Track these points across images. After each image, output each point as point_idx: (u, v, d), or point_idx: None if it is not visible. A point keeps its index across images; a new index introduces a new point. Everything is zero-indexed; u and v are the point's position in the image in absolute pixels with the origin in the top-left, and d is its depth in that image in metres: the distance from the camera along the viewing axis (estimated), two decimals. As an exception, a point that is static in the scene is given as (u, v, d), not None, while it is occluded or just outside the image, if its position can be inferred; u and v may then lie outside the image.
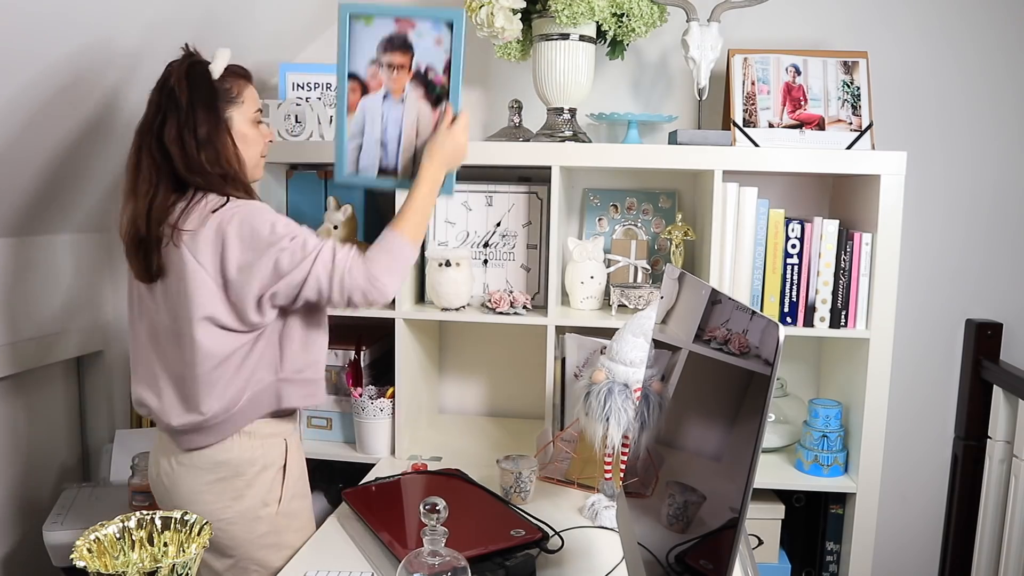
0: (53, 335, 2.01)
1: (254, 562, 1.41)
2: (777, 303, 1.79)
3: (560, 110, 1.89)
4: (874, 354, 1.74)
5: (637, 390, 1.50)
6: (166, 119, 1.35)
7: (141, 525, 0.96)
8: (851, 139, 1.81)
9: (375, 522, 1.44)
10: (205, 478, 1.38)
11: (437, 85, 1.38)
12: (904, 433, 2.12)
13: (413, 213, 1.43)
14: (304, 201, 2.01)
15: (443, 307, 1.86)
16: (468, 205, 1.97)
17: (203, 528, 0.97)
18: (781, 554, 1.89)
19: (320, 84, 1.95)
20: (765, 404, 0.77)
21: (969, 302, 2.07)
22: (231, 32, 1.84)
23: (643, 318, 1.55)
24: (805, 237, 1.78)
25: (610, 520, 1.52)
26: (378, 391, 1.91)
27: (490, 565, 1.28)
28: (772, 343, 0.77)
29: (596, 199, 2.10)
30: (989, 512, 1.96)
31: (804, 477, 1.82)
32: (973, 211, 2.04)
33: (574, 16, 1.76)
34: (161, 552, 0.95)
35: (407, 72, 1.42)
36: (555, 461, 1.76)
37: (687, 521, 0.97)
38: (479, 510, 1.51)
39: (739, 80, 1.86)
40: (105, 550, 0.92)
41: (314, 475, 2.12)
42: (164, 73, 1.39)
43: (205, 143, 1.36)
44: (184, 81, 1.36)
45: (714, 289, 1.03)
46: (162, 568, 0.88)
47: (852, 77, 1.86)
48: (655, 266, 2.04)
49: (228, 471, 1.39)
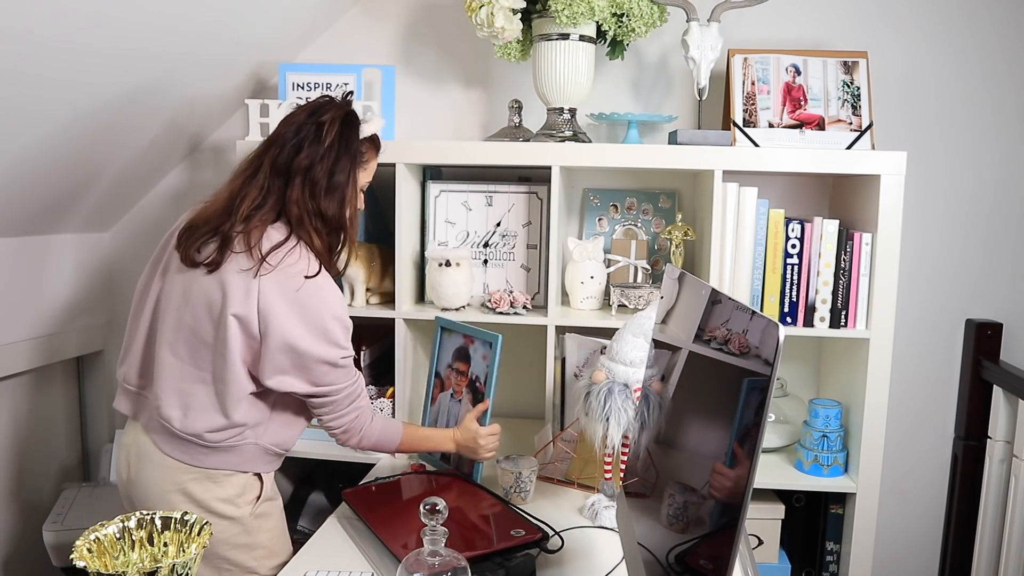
0: (53, 335, 2.01)
1: (227, 561, 1.40)
2: (777, 303, 1.79)
3: (560, 110, 1.89)
4: (874, 354, 1.74)
5: (637, 390, 1.50)
6: (302, 146, 1.38)
7: (141, 525, 0.96)
8: (851, 139, 1.81)
9: (375, 522, 1.44)
10: (179, 478, 1.38)
11: (480, 392, 1.71)
12: (904, 433, 2.12)
13: (418, 443, 1.63)
14: (304, 201, 2.01)
15: (443, 307, 1.86)
16: (468, 205, 1.97)
17: (203, 528, 0.97)
18: (781, 554, 1.89)
19: (320, 84, 1.95)
20: (765, 404, 0.77)
21: (969, 302, 2.07)
22: (231, 32, 1.84)
23: (643, 318, 1.55)
24: (805, 237, 1.78)
25: (610, 520, 1.52)
26: (378, 391, 1.91)
27: (490, 565, 1.28)
28: (772, 343, 0.77)
29: (596, 199, 2.10)
30: (989, 512, 1.95)
31: (804, 477, 1.82)
32: (973, 211, 2.04)
33: (574, 16, 1.76)
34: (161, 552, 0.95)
35: (465, 378, 1.76)
36: (555, 461, 1.76)
37: (687, 521, 0.97)
38: (479, 510, 1.51)
39: (739, 80, 1.86)
40: (105, 550, 0.92)
41: (314, 475, 2.13)
42: (316, 103, 1.43)
43: (334, 189, 1.39)
44: (338, 124, 1.40)
45: (714, 289, 1.03)
46: (162, 568, 0.88)
47: (852, 77, 1.86)
48: (655, 266, 2.04)
49: (201, 473, 1.38)
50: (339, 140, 1.39)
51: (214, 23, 1.76)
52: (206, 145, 2.27)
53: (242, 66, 2.04)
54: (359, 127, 1.44)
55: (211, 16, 1.73)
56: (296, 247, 1.36)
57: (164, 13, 1.59)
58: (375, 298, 1.95)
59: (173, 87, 1.87)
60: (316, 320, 1.33)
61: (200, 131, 2.21)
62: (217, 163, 2.27)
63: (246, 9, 1.80)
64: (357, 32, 2.18)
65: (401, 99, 2.14)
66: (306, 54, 2.19)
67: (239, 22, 1.83)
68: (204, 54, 1.85)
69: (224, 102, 2.13)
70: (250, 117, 1.87)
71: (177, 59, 1.77)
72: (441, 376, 1.84)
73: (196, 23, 1.70)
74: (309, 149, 1.37)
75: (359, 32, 2.18)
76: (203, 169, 2.29)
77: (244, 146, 1.85)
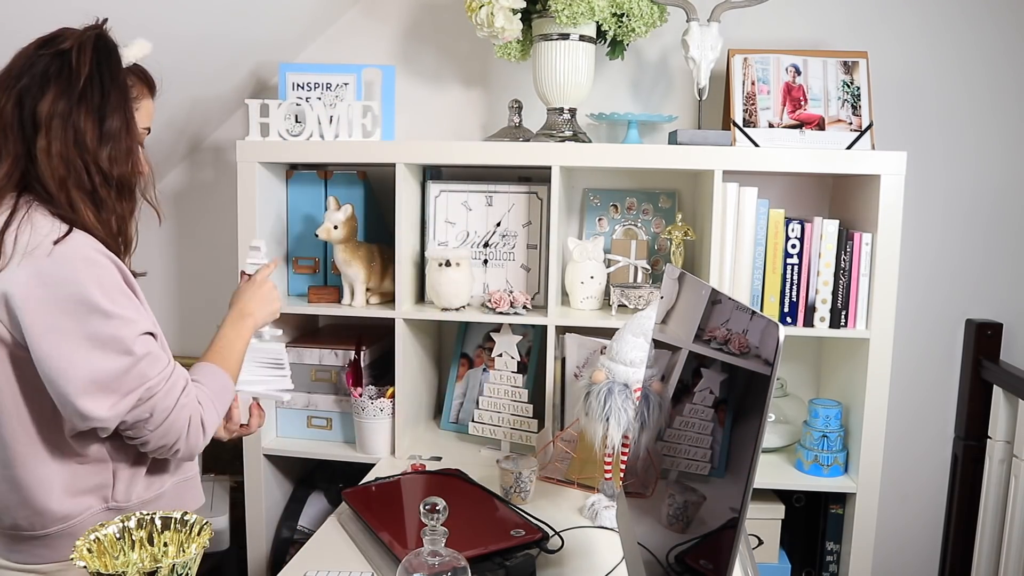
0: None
1: None
2: (777, 303, 1.79)
3: (560, 110, 1.89)
4: (874, 354, 1.74)
5: (637, 390, 1.50)
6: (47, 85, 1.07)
7: (141, 525, 0.96)
8: (851, 139, 1.81)
9: (375, 522, 1.44)
10: None
11: (523, 362, 1.94)
12: (904, 433, 2.12)
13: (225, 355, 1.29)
14: (304, 201, 2.01)
15: (443, 307, 1.86)
16: (468, 205, 1.97)
17: (203, 528, 0.97)
18: (781, 554, 1.89)
19: (320, 84, 1.95)
20: (765, 404, 0.77)
21: (969, 302, 2.07)
22: (231, 32, 1.84)
23: (643, 318, 1.55)
24: (805, 237, 1.78)
25: (610, 520, 1.52)
26: (378, 391, 1.92)
27: (490, 565, 1.28)
28: (772, 343, 0.77)
29: (596, 199, 2.10)
30: (989, 512, 1.95)
31: (804, 477, 1.82)
32: (973, 211, 2.04)
33: (574, 16, 1.76)
34: (161, 552, 0.95)
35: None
36: (555, 461, 1.76)
37: (687, 521, 0.97)
38: (479, 510, 1.51)
39: (739, 80, 1.86)
40: (105, 550, 0.92)
41: (314, 475, 2.13)
42: (50, 35, 1.11)
43: (109, 137, 1.10)
44: (90, 51, 1.10)
45: (714, 289, 1.03)
46: (162, 568, 0.88)
47: (852, 77, 1.86)
48: (655, 266, 2.04)
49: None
50: (99, 71, 1.09)
51: (214, 23, 1.76)
52: (206, 145, 2.27)
53: (242, 66, 2.04)
54: (119, 53, 1.14)
55: (211, 16, 1.73)
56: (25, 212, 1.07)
57: (164, 14, 1.59)
58: (375, 298, 1.95)
59: (173, 87, 1.87)
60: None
61: (200, 131, 2.21)
62: (217, 163, 2.27)
63: (246, 9, 1.80)
64: (357, 32, 2.18)
65: (401, 99, 2.14)
66: (306, 54, 2.19)
67: (239, 22, 1.83)
68: (204, 54, 1.85)
69: (224, 102, 2.13)
70: (250, 117, 1.87)
71: (177, 59, 1.77)
72: (470, 356, 2.05)
73: (196, 23, 1.70)
74: (56, 87, 1.07)
75: (359, 32, 2.18)
76: (203, 169, 2.29)
77: (244, 146, 1.85)
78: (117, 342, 1.07)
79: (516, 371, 1.92)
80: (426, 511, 1.02)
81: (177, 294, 2.35)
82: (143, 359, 1.09)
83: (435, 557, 1.01)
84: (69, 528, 1.14)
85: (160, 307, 2.33)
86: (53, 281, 1.05)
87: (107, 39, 1.15)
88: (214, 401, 1.19)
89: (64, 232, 1.07)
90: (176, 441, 1.12)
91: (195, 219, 2.30)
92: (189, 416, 1.13)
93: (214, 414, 1.19)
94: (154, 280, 2.33)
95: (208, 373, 1.23)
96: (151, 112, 1.23)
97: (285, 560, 1.92)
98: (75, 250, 1.07)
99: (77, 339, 1.05)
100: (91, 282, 1.06)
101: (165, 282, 2.35)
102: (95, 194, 1.11)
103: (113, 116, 1.11)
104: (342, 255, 1.87)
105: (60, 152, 1.07)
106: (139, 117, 1.19)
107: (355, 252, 1.88)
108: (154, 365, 1.11)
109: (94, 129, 1.09)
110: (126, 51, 1.16)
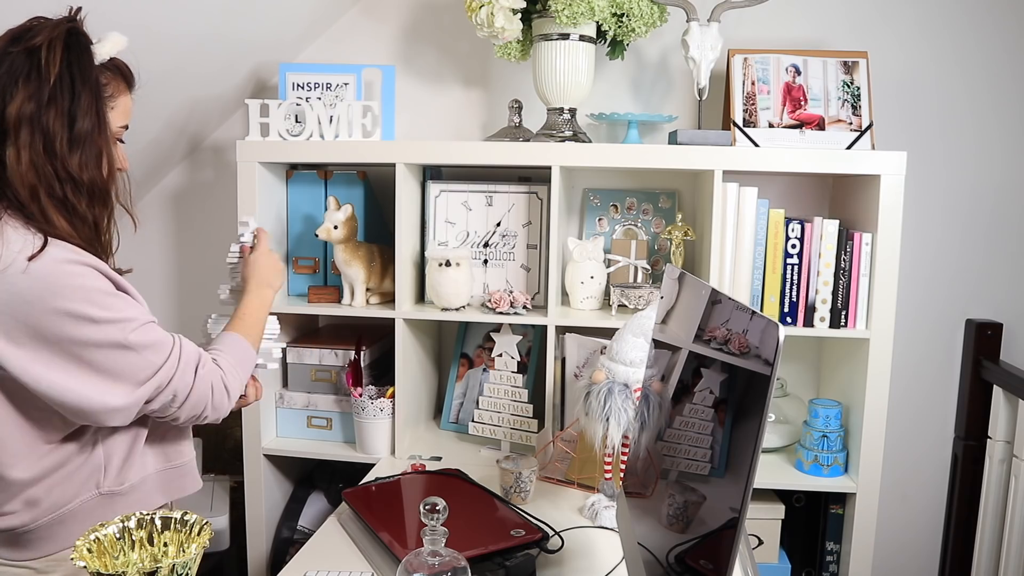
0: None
1: None
2: (777, 303, 1.79)
3: (560, 110, 1.89)
4: (874, 354, 1.74)
5: (637, 390, 1.50)
6: (14, 86, 1.03)
7: (141, 525, 0.96)
8: (851, 139, 1.81)
9: (375, 522, 1.44)
10: None
11: (523, 362, 1.95)
12: (904, 433, 2.11)
13: (250, 324, 1.36)
14: (304, 201, 2.01)
15: (443, 307, 1.86)
16: (468, 205, 1.97)
17: (203, 528, 0.97)
18: (781, 554, 1.89)
19: (320, 84, 1.95)
20: (765, 404, 0.77)
21: (969, 302, 2.07)
22: (231, 32, 1.84)
23: (643, 318, 1.55)
24: (805, 237, 1.78)
25: (610, 520, 1.52)
26: (378, 391, 1.92)
27: (490, 565, 1.28)
28: (772, 343, 0.77)
29: (596, 199, 2.10)
30: (989, 512, 1.96)
31: (804, 477, 1.82)
32: (973, 211, 2.04)
33: (574, 16, 1.76)
34: (161, 552, 0.95)
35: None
36: (555, 461, 1.76)
37: (687, 521, 0.97)
38: (479, 510, 1.51)
39: (739, 80, 1.86)
40: (105, 550, 0.92)
41: (314, 475, 2.13)
42: (21, 26, 1.07)
43: (80, 140, 1.06)
44: (60, 48, 1.05)
45: (714, 289, 1.03)
46: (162, 568, 0.88)
47: (852, 77, 1.86)
48: (655, 266, 2.04)
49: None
50: (69, 71, 1.05)
51: (214, 23, 1.76)
52: (206, 145, 2.27)
53: (242, 66, 2.04)
54: (91, 49, 1.09)
55: (211, 16, 1.73)
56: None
57: (164, 13, 1.59)
58: (375, 298, 1.95)
59: (173, 87, 1.87)
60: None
61: (200, 131, 2.21)
62: (217, 163, 2.27)
63: (246, 9, 1.80)
64: (357, 32, 2.18)
65: (401, 99, 2.14)
66: (306, 54, 2.19)
67: (239, 22, 1.83)
68: (204, 54, 1.85)
69: (224, 102, 2.13)
70: (250, 117, 1.87)
71: (177, 59, 1.77)
72: (470, 356, 2.06)
73: (196, 23, 1.70)
74: (25, 89, 1.02)
75: (359, 32, 2.18)
76: (203, 169, 2.29)
77: (244, 146, 1.85)
78: (114, 343, 1.07)
79: (516, 371, 1.92)
80: (426, 511, 1.02)
81: (177, 294, 2.35)
82: (147, 349, 1.10)
83: (435, 557, 1.01)
84: (62, 516, 1.15)
85: (160, 307, 2.33)
86: (33, 297, 1.03)
87: (79, 35, 1.10)
88: (236, 368, 1.24)
89: (39, 247, 1.04)
90: (204, 408, 1.18)
91: (195, 219, 2.30)
92: (211, 383, 1.17)
93: (236, 379, 1.23)
94: (154, 280, 2.34)
95: (230, 342, 1.29)
96: (129, 109, 1.19)
97: (285, 560, 1.92)
98: (51, 264, 1.04)
99: (65, 357, 1.05)
100: (73, 293, 1.05)
101: (165, 282, 2.35)
102: (67, 202, 1.08)
103: (84, 118, 1.07)
104: (342, 255, 1.87)
105: (30, 159, 1.05)
106: (115, 115, 1.16)
107: (355, 252, 1.88)
108: (160, 352, 1.12)
109: (64, 132, 1.06)
110: (99, 47, 1.12)
